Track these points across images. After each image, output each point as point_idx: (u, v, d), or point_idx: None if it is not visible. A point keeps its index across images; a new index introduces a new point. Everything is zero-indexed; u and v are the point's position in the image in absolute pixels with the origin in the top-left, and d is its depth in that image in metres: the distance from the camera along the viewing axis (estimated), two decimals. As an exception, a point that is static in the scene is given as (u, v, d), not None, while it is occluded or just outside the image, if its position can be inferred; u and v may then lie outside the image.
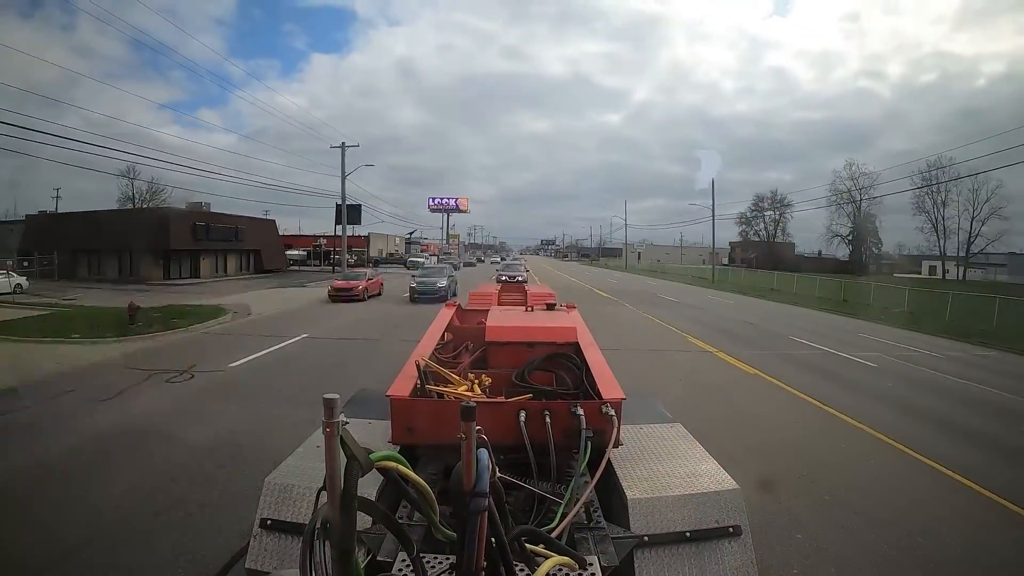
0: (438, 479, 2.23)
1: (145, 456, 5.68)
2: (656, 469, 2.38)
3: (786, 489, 5.16)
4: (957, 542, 4.41)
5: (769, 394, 9.14)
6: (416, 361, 2.86)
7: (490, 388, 3.03)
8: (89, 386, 8.39)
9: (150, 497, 4.71)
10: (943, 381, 10.99)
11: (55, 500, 4.66)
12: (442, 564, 1.51)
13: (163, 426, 6.62)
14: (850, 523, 4.62)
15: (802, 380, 10.02)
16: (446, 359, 3.63)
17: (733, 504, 2.16)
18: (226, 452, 5.71)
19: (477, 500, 1.12)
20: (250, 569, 2.11)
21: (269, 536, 2.14)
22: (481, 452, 1.16)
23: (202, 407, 7.52)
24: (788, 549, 4.15)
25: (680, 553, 2.04)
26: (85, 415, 7.03)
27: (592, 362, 3.10)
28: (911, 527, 4.60)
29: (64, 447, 5.89)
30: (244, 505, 3.80)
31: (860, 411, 8.04)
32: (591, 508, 2.07)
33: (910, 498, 5.21)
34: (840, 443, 6.76)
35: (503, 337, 3.59)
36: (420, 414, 2.39)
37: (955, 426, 7.76)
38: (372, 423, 2.79)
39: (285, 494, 2.20)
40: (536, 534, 1.47)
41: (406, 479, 1.19)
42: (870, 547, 4.26)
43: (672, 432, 2.89)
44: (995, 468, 6.02)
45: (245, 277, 37.18)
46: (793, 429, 7.26)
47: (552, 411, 2.30)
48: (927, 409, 8.62)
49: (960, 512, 5.00)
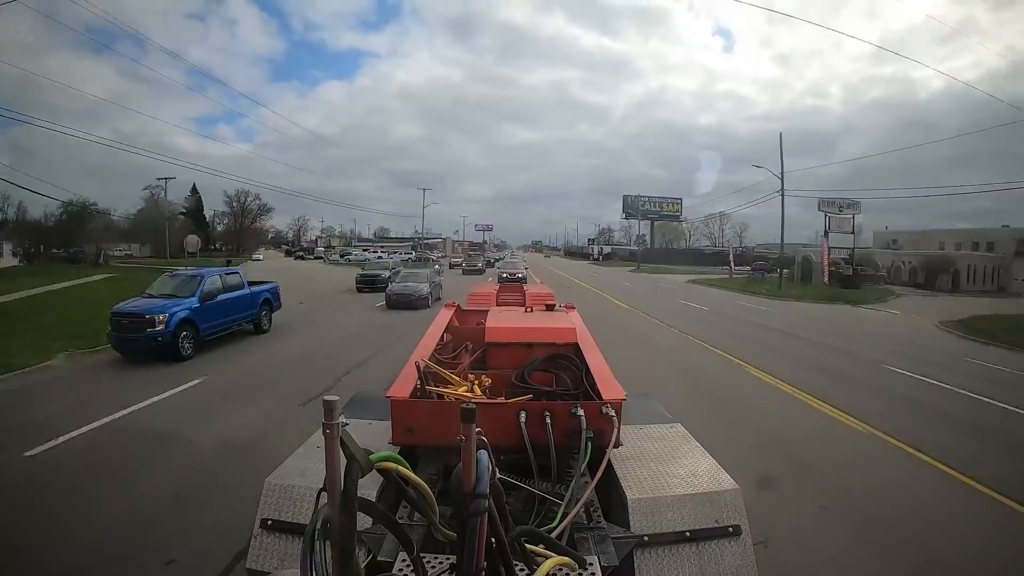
0: (438, 480, 2.23)
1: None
2: (656, 469, 2.39)
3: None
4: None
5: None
6: (416, 362, 2.86)
7: (490, 389, 3.03)
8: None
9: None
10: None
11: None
12: (442, 564, 1.52)
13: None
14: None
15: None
16: (446, 360, 3.63)
17: (733, 504, 2.17)
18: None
19: (477, 501, 1.12)
20: (250, 569, 2.11)
21: (269, 536, 2.14)
22: (481, 453, 1.17)
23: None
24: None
25: (680, 553, 2.05)
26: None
27: (592, 362, 3.10)
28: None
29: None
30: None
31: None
32: (591, 508, 2.08)
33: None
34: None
35: (503, 338, 3.59)
36: (420, 415, 2.39)
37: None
38: (372, 424, 2.79)
39: (285, 495, 2.20)
40: (536, 534, 1.47)
41: (406, 480, 1.20)
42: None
43: (672, 432, 2.89)
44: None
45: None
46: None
47: (552, 412, 2.30)
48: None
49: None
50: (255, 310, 13.24)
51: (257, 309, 13.29)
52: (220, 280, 12.11)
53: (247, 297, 12.95)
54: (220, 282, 12.06)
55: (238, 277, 13.04)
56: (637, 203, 70.04)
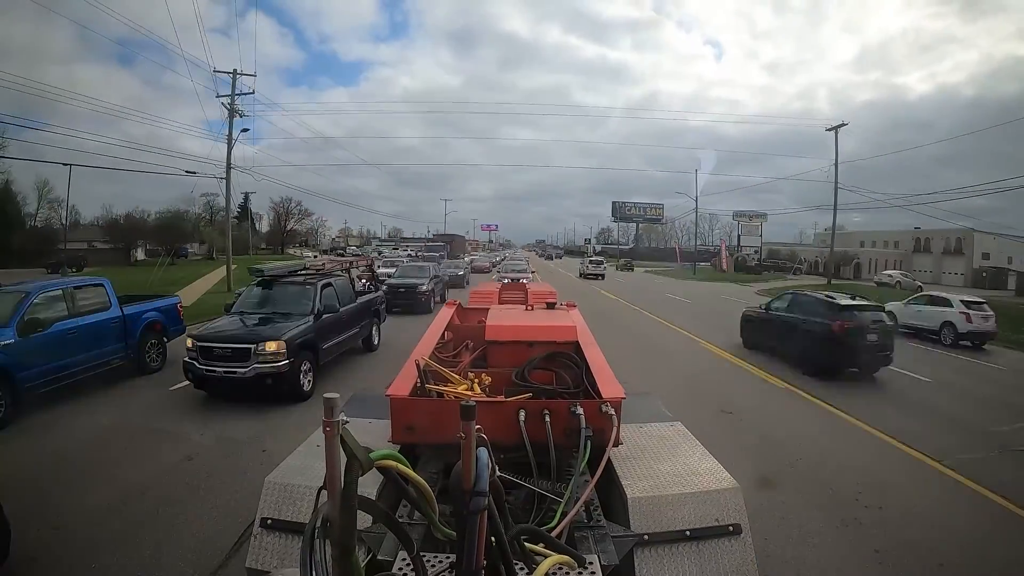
0: (438, 478, 2.23)
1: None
2: (656, 468, 2.38)
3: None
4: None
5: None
6: (416, 360, 2.85)
7: (490, 387, 3.03)
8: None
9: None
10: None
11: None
12: (442, 563, 1.51)
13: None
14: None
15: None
16: (446, 358, 3.63)
17: (733, 503, 2.16)
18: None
19: (477, 499, 1.12)
20: (250, 568, 2.11)
21: (269, 535, 2.14)
22: (481, 451, 1.16)
23: None
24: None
25: (680, 552, 2.04)
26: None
27: (592, 361, 3.09)
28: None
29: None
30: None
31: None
32: (591, 507, 2.07)
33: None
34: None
35: (503, 336, 3.59)
36: (420, 413, 2.39)
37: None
38: (372, 422, 2.79)
39: (285, 493, 2.20)
40: (536, 533, 1.47)
41: (406, 478, 1.19)
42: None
43: (672, 431, 2.89)
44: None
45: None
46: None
47: (552, 410, 2.30)
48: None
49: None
50: (131, 341, 8.56)
51: (136, 339, 8.68)
52: (65, 299, 7.75)
53: (112, 324, 8.30)
54: (63, 303, 7.69)
55: (102, 292, 8.43)
56: (624, 208, 78.52)
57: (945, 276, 47.27)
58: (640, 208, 78.11)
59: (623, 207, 78.17)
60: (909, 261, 51.37)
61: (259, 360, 7.07)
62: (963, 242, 47.68)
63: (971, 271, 45.95)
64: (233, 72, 21.28)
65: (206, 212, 57.83)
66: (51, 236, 41.31)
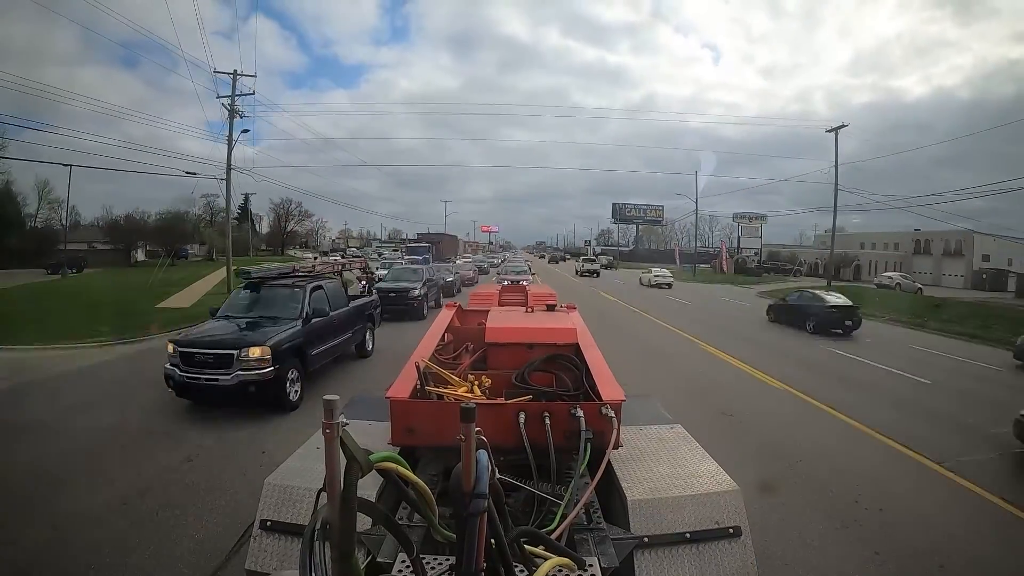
0: (438, 480, 2.23)
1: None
2: (656, 470, 2.38)
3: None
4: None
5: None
6: (416, 362, 2.85)
7: (490, 389, 3.03)
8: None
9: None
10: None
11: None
12: (442, 565, 1.51)
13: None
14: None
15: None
16: (446, 360, 3.62)
17: (733, 505, 2.16)
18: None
19: (476, 501, 1.11)
20: (250, 570, 2.10)
21: (269, 537, 2.14)
22: (481, 453, 1.16)
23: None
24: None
25: (680, 554, 2.04)
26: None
27: (592, 363, 3.08)
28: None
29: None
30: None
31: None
32: (591, 509, 2.07)
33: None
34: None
35: (503, 338, 3.58)
36: (420, 415, 2.38)
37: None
38: (372, 424, 2.78)
39: (285, 495, 2.19)
40: (536, 535, 1.46)
41: (406, 480, 1.19)
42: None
43: (672, 433, 2.88)
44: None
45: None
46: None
47: (552, 412, 2.30)
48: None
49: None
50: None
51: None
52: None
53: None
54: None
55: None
56: (624, 210, 78.61)
57: (945, 278, 47.11)
58: (640, 210, 78.07)
59: (623, 208, 78.13)
60: (909, 263, 51.44)
61: (242, 367, 6.64)
62: (963, 244, 47.52)
63: (971, 273, 45.92)
64: (233, 73, 21.24)
65: (206, 213, 57.97)
66: (51, 237, 41.31)
